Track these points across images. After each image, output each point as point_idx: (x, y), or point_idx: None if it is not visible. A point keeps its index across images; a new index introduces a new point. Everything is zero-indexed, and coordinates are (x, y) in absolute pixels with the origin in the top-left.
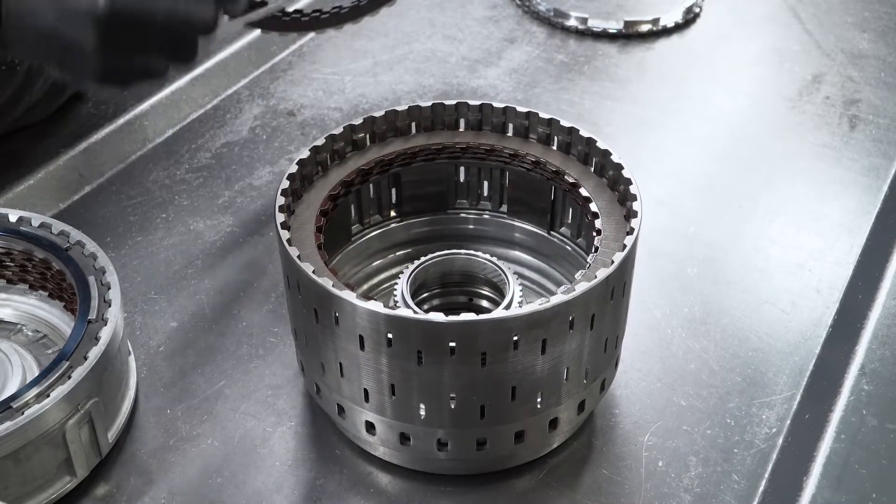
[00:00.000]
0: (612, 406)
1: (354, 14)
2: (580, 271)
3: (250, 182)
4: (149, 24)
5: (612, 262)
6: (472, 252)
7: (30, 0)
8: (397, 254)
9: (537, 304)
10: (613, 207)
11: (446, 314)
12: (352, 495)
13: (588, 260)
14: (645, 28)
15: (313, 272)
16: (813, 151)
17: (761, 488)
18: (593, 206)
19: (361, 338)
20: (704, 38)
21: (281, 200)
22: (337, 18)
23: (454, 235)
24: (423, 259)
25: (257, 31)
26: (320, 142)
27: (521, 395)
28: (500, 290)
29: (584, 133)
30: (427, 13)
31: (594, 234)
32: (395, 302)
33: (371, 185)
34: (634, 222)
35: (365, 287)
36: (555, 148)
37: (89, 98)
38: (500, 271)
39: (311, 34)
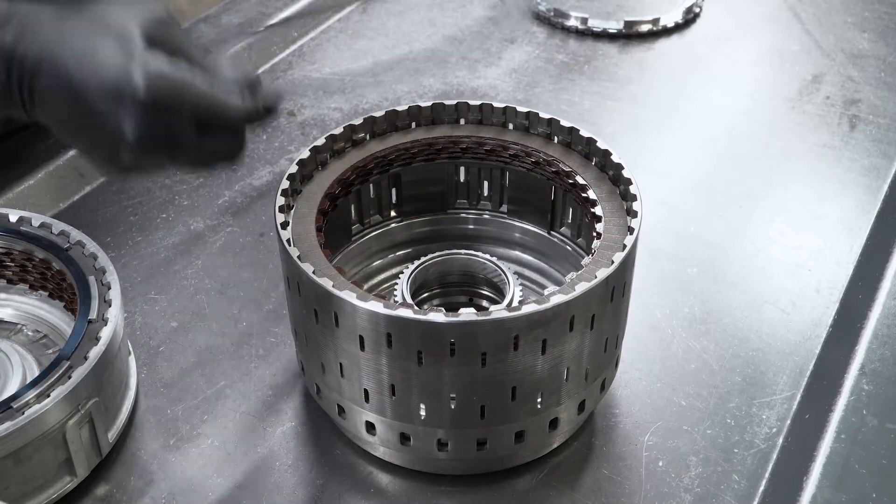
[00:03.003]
0: (612, 406)
1: None
2: (572, 273)
3: (250, 182)
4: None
5: (613, 262)
6: (472, 252)
7: (63, 69)
8: (397, 254)
9: (537, 305)
10: (614, 207)
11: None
12: (352, 495)
13: (583, 262)
14: (645, 28)
15: (313, 272)
16: (813, 151)
17: (761, 488)
18: (593, 201)
19: (361, 338)
20: (704, 38)
21: (281, 201)
22: None
23: (454, 235)
24: (423, 259)
25: (257, 32)
26: (320, 142)
27: (521, 396)
28: (500, 290)
29: (584, 133)
30: (427, 13)
31: (594, 235)
32: (396, 302)
33: (371, 185)
34: (634, 222)
35: (365, 287)
36: (556, 142)
37: None
38: (500, 271)
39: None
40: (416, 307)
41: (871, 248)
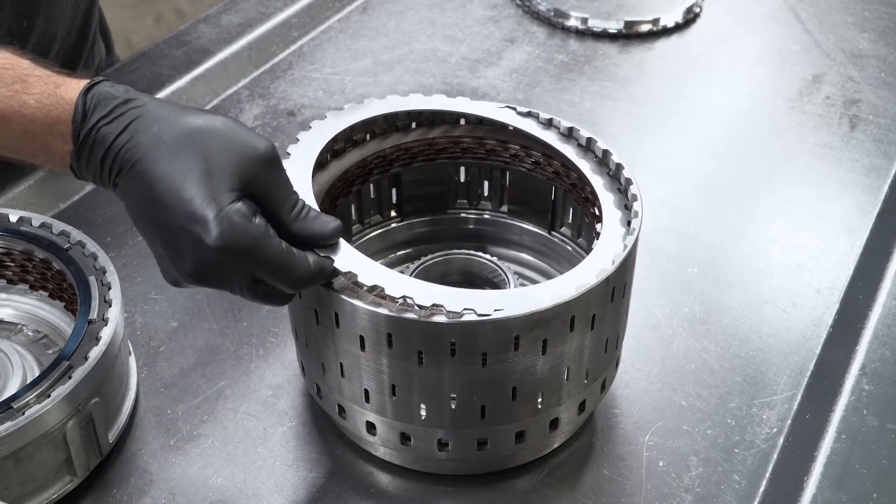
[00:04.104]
0: (612, 406)
1: None
2: (569, 271)
3: None
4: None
5: (613, 262)
6: (472, 252)
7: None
8: (398, 254)
9: (537, 305)
10: (614, 207)
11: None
12: (352, 495)
13: (583, 262)
14: (645, 28)
15: None
16: (813, 151)
17: (762, 488)
18: (593, 201)
19: (362, 338)
20: (704, 38)
21: None
22: None
23: (455, 235)
24: (423, 259)
25: (257, 31)
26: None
27: (521, 396)
28: (500, 290)
29: (584, 133)
30: (427, 13)
31: (594, 235)
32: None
33: (371, 185)
34: (635, 222)
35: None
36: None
37: None
38: (501, 271)
39: (312, 34)
40: (416, 307)
41: (871, 248)
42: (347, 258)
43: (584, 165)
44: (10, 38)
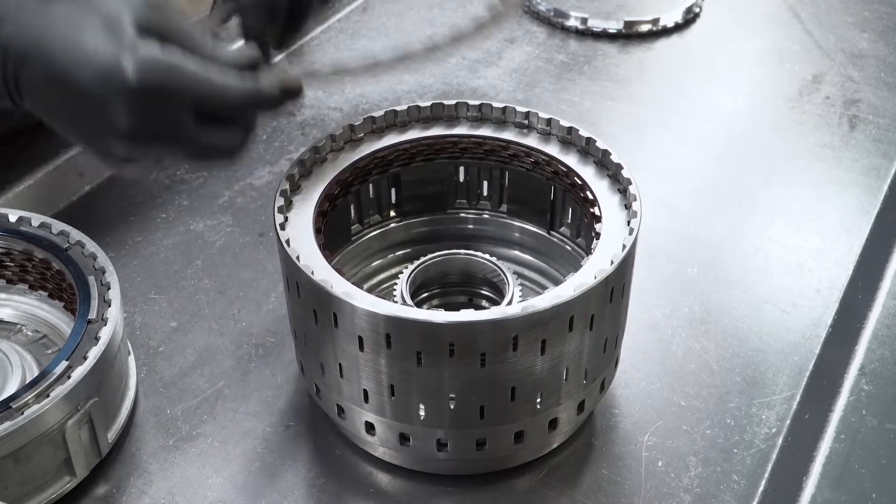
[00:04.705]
0: (611, 406)
1: None
2: (571, 274)
3: (250, 182)
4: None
5: (612, 262)
6: (471, 252)
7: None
8: (397, 254)
9: (536, 305)
10: (613, 207)
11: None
12: (351, 496)
13: (582, 263)
14: (645, 28)
15: (312, 273)
16: (813, 151)
17: (761, 488)
18: (592, 201)
19: (361, 338)
20: (704, 38)
21: (280, 201)
22: None
23: (454, 235)
24: (422, 259)
25: None
26: (320, 142)
27: (520, 396)
28: (499, 290)
29: (583, 133)
30: (427, 13)
31: (593, 235)
32: (395, 302)
33: (370, 185)
34: (634, 222)
35: (364, 288)
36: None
37: None
38: (500, 271)
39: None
40: (415, 307)
41: (870, 248)
42: None
43: (583, 166)
44: None
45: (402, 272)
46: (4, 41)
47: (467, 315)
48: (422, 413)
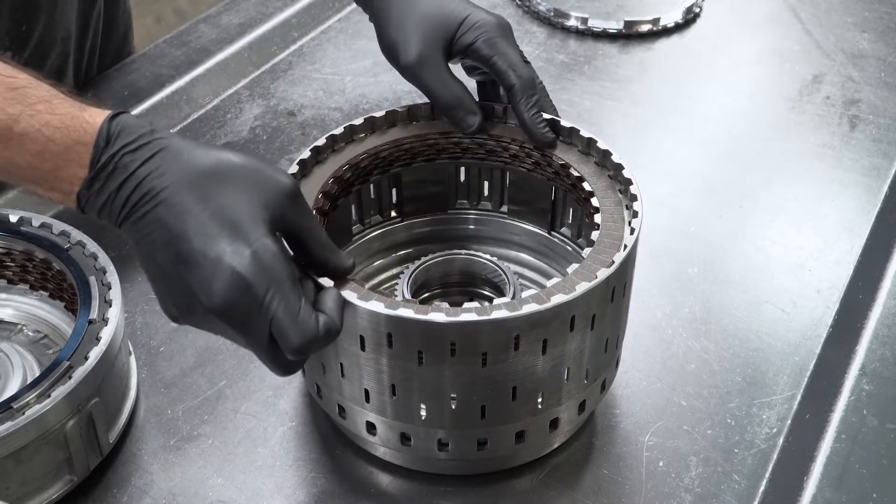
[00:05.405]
0: (612, 406)
1: None
2: (573, 265)
3: None
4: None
5: (613, 262)
6: (472, 252)
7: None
8: (398, 254)
9: (537, 305)
10: (614, 207)
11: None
12: (352, 496)
13: (583, 255)
14: (645, 28)
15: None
16: (813, 151)
17: (762, 488)
18: (593, 200)
19: (362, 338)
20: (704, 38)
21: None
22: None
23: (455, 236)
24: (423, 259)
25: (257, 31)
26: (321, 142)
27: (521, 396)
28: (500, 291)
29: (584, 133)
30: None
31: (593, 229)
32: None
33: (371, 186)
34: (635, 222)
35: (366, 287)
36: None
37: (89, 95)
38: (501, 271)
39: (311, 34)
40: (417, 304)
41: (871, 248)
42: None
43: (584, 166)
44: (10, 43)
45: (403, 272)
46: (147, 184)
47: (469, 315)
48: (423, 413)
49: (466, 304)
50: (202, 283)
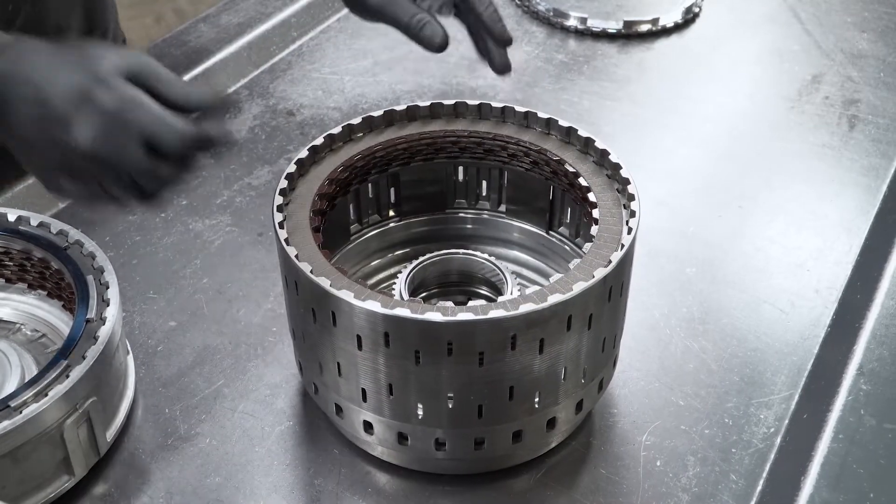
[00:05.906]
0: (610, 406)
1: None
2: (574, 260)
3: (249, 182)
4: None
5: (611, 261)
6: (470, 252)
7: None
8: (396, 253)
9: (534, 304)
10: (612, 206)
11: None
12: (350, 495)
13: (583, 250)
14: (644, 28)
15: (311, 271)
16: (813, 151)
17: (759, 488)
18: (592, 201)
19: (359, 337)
20: (704, 37)
21: (279, 200)
22: None
23: (453, 235)
24: (421, 259)
25: (257, 31)
26: (319, 141)
27: (518, 395)
28: (498, 290)
29: (582, 133)
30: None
31: (591, 226)
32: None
33: (369, 185)
34: (633, 222)
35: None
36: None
37: None
38: (499, 271)
39: (311, 34)
40: (414, 303)
41: (870, 249)
42: None
43: (582, 165)
44: None
45: (401, 272)
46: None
47: (466, 314)
48: (420, 412)
49: (465, 304)
50: (62, 127)
